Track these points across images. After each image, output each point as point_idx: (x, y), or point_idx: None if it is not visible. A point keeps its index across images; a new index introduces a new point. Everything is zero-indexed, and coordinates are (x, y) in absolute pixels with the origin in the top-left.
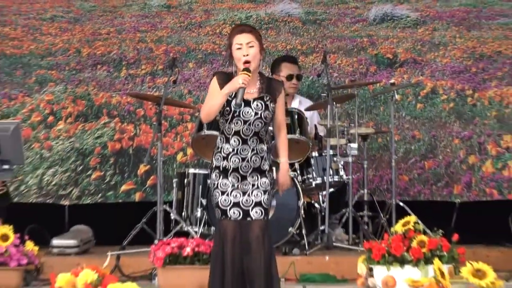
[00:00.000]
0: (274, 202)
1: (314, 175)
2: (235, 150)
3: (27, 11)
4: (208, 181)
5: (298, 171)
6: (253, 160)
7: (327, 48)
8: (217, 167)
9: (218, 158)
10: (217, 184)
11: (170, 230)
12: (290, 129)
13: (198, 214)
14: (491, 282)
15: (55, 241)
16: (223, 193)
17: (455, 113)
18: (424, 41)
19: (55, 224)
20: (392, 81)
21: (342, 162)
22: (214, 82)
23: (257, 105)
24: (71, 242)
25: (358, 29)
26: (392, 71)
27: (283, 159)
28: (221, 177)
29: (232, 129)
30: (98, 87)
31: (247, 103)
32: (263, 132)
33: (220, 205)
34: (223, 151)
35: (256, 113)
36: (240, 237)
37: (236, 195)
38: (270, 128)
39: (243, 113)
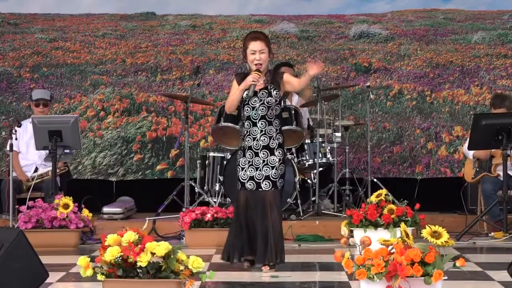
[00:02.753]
0: None
1: (307, 157)
2: (248, 132)
3: (84, 29)
4: (224, 162)
5: (295, 154)
6: (262, 139)
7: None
8: (240, 147)
9: (241, 140)
10: (239, 162)
11: (195, 201)
12: (289, 122)
13: (217, 188)
14: (445, 241)
15: (105, 209)
16: (242, 169)
17: (417, 109)
18: (393, 53)
19: (105, 195)
20: (367, 84)
21: (329, 147)
22: (234, 81)
23: (262, 93)
24: (118, 210)
25: (341, 44)
26: (368, 76)
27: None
28: (241, 155)
29: (245, 115)
30: (139, 88)
31: (255, 93)
32: (270, 116)
33: (240, 179)
34: (243, 133)
35: (260, 100)
36: (255, 203)
37: (251, 170)
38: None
39: (251, 101)
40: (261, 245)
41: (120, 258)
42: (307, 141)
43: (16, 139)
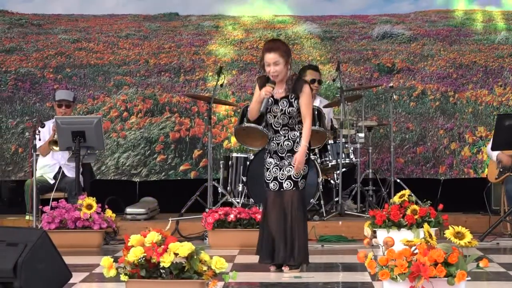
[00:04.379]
0: None
1: (330, 158)
2: (272, 138)
3: (107, 30)
4: (248, 162)
5: (318, 155)
6: (285, 144)
7: (340, 59)
8: (267, 149)
9: (268, 143)
10: (265, 162)
11: (218, 201)
12: (312, 122)
13: (240, 188)
14: (468, 241)
15: (128, 210)
16: (267, 169)
17: (440, 109)
18: (416, 53)
19: (128, 196)
20: (391, 84)
21: (352, 148)
22: (256, 85)
23: (283, 103)
24: (141, 210)
25: (364, 44)
26: (391, 76)
27: (302, 143)
28: (268, 157)
29: (267, 122)
30: (162, 89)
31: (276, 102)
32: (292, 122)
33: (265, 179)
34: (269, 137)
35: (281, 110)
36: (278, 202)
37: (275, 171)
38: None
39: (273, 109)
40: (280, 245)
41: (143, 258)
42: (330, 141)
43: (39, 139)
